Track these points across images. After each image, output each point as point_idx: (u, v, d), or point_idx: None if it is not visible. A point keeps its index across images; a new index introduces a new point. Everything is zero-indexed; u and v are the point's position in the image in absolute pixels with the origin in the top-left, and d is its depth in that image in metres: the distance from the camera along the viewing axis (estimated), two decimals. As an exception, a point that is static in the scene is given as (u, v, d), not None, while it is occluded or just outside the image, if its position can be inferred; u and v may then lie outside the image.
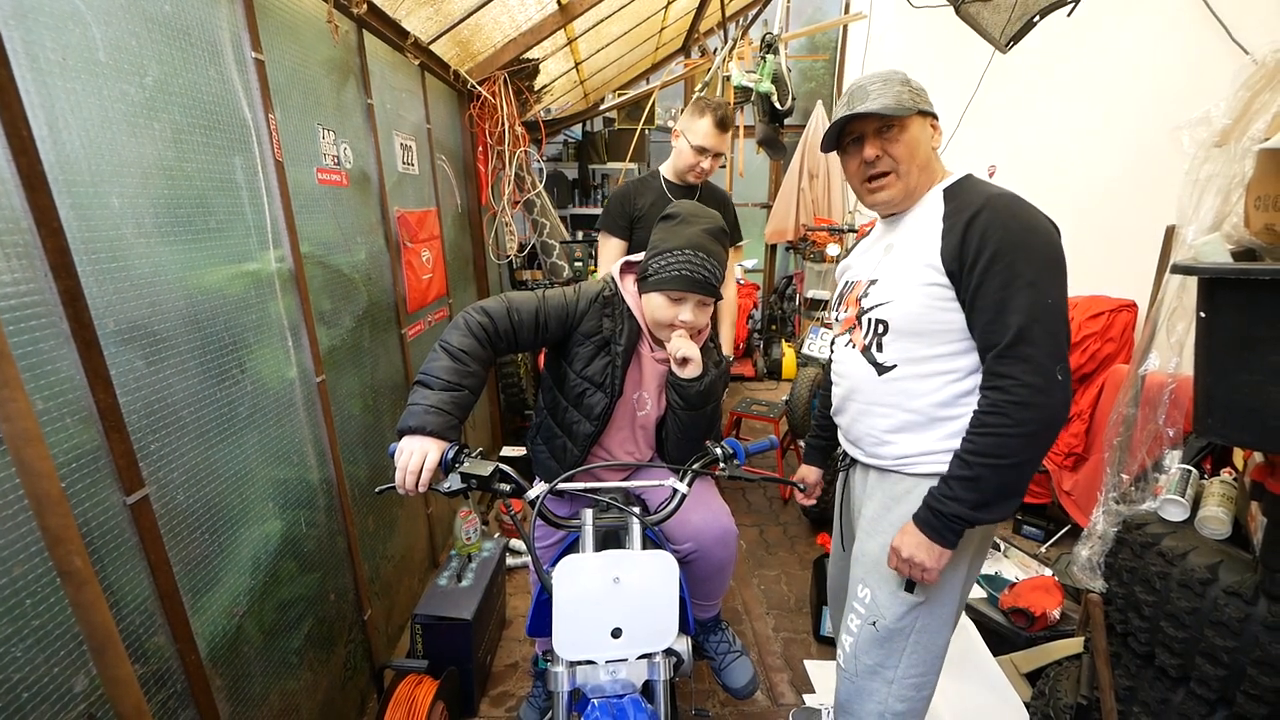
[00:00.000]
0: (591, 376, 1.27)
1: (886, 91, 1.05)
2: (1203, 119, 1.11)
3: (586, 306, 1.26)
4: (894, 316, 1.07)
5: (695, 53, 4.35)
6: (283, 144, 1.29)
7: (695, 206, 1.26)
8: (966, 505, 0.99)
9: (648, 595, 0.96)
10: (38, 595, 0.77)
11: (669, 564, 0.97)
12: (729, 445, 1.18)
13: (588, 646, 0.95)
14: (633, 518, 1.07)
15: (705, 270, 1.18)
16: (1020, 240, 0.95)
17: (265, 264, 1.26)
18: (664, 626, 0.97)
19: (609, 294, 1.27)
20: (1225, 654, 1.10)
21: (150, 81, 0.97)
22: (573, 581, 0.94)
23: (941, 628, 1.15)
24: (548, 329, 1.23)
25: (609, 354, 1.26)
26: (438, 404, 1.07)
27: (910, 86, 1.06)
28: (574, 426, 1.32)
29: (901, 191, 1.09)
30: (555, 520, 1.09)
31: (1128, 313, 2.32)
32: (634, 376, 1.31)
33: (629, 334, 1.26)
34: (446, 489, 1.02)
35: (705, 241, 1.19)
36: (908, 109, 1.04)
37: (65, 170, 0.81)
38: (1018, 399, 0.94)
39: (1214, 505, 1.23)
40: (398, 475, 1.00)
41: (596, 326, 1.25)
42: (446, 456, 1.02)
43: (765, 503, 2.99)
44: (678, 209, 1.25)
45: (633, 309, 1.27)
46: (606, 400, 1.27)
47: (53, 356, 0.79)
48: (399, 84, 2.04)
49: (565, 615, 0.93)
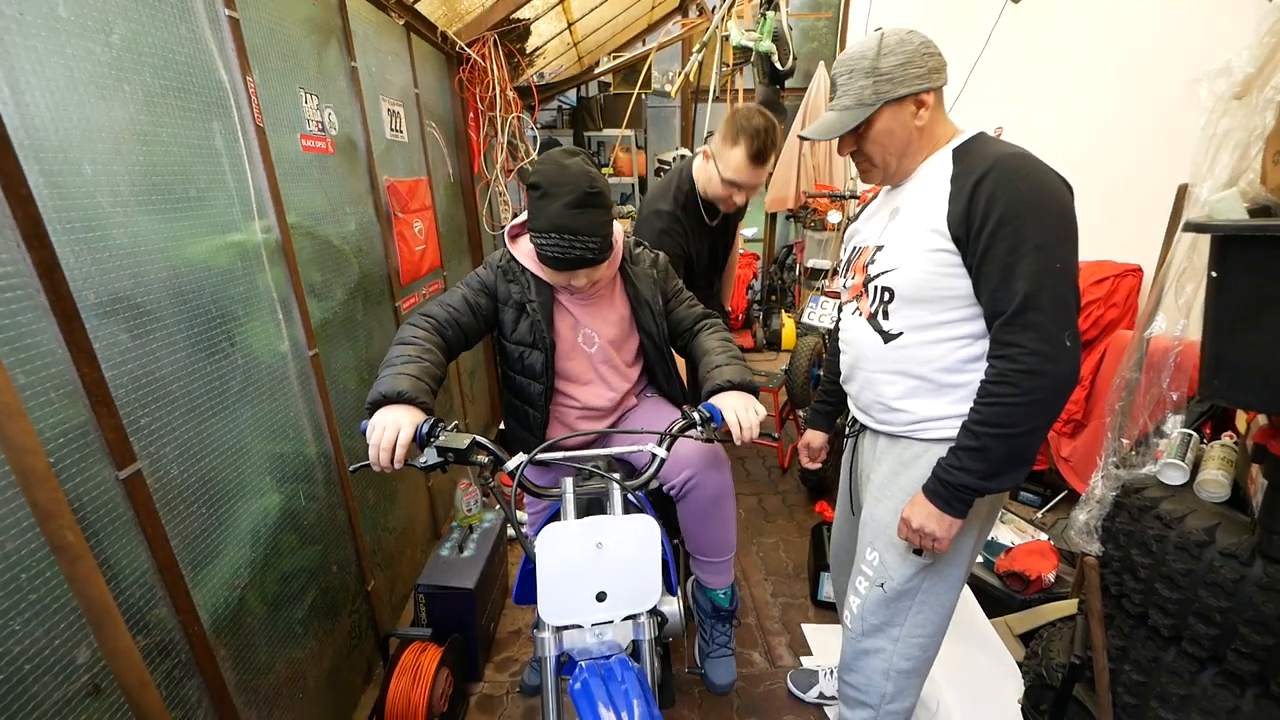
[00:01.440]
0: (522, 338, 1.32)
1: (849, 88, 1.03)
2: (1223, 70, 1.06)
3: (495, 274, 1.32)
4: (899, 284, 1.04)
5: (693, 11, 4.19)
6: (263, 108, 1.24)
7: (556, 171, 1.14)
8: (975, 475, 0.98)
9: (631, 559, 0.96)
10: (33, 570, 0.77)
11: (651, 526, 0.97)
12: (706, 409, 1.15)
13: (572, 611, 0.96)
14: (613, 483, 1.07)
15: (576, 249, 1.15)
16: (1028, 203, 0.91)
17: (251, 235, 1.22)
18: (648, 588, 0.97)
19: (504, 262, 1.32)
20: (1218, 614, 1.11)
21: (117, 40, 0.92)
22: (555, 549, 0.94)
23: (948, 590, 1.15)
24: (480, 306, 1.29)
25: (529, 314, 1.30)
26: (404, 370, 1.06)
27: (877, 75, 1.00)
28: (526, 390, 1.38)
29: (883, 176, 1.10)
30: (536, 490, 1.08)
31: (1132, 278, 2.29)
32: (567, 321, 1.35)
33: (539, 289, 1.30)
34: (423, 464, 0.98)
35: (569, 219, 1.12)
36: (869, 105, 1.01)
37: (31, 135, 0.78)
38: (1025, 367, 0.92)
39: (1214, 469, 1.22)
40: (371, 452, 0.97)
41: (507, 292, 1.31)
42: (421, 430, 0.99)
43: (764, 472, 3.01)
44: (539, 178, 1.15)
45: (532, 268, 1.30)
46: (543, 355, 1.32)
47: (31, 330, 0.77)
48: (384, 46, 1.96)
49: (549, 582, 0.94)
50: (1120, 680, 1.30)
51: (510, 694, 1.75)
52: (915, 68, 1.00)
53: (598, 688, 0.91)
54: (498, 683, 1.79)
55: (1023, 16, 2.60)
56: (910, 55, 1.00)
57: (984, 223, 0.93)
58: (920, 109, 1.03)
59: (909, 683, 1.21)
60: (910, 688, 1.22)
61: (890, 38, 1.02)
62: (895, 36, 1.02)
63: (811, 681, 1.72)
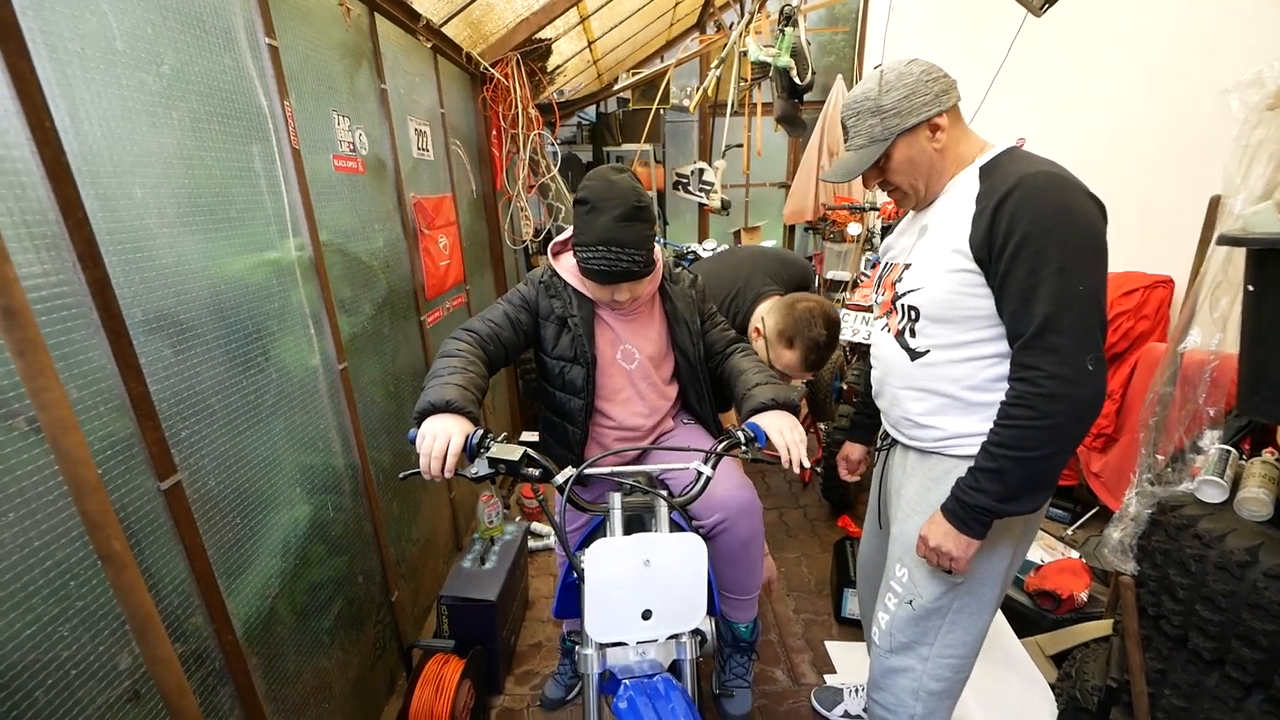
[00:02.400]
0: (563, 353, 1.33)
1: (859, 128, 1.06)
2: (1255, 80, 1.04)
3: (536, 290, 1.34)
4: (925, 303, 1.05)
5: (711, 28, 4.25)
6: (299, 131, 1.29)
7: (603, 186, 1.17)
8: (992, 497, 0.97)
9: (677, 577, 0.96)
10: (80, 578, 0.80)
11: (698, 546, 0.97)
12: (750, 429, 1.16)
13: (619, 628, 0.96)
14: (660, 500, 1.07)
15: (623, 261, 1.17)
16: (1052, 223, 0.90)
17: (285, 252, 1.27)
18: (693, 607, 0.97)
19: (546, 278, 1.34)
20: (1264, 637, 1.07)
21: (167, 70, 0.97)
22: (604, 565, 0.94)
23: (981, 610, 1.13)
24: (521, 322, 1.31)
25: (570, 328, 1.31)
26: (451, 380, 1.08)
27: (883, 112, 1.02)
28: (566, 406, 1.38)
29: (916, 200, 1.11)
30: (581, 504, 1.09)
31: (1163, 289, 2.23)
32: (608, 337, 1.35)
33: (580, 304, 1.31)
34: (474, 475, 1.00)
35: (617, 233, 1.16)
36: (882, 141, 1.03)
37: (88, 161, 0.82)
38: (1044, 390, 0.91)
39: (1254, 486, 1.18)
40: (422, 461, 0.99)
41: (549, 307, 1.32)
42: (471, 441, 1.01)
43: (785, 486, 2.98)
44: (587, 193, 1.18)
45: (574, 284, 1.31)
46: (584, 370, 1.32)
47: (84, 346, 0.81)
48: (412, 68, 2.02)
49: (597, 598, 0.94)
50: (1160, 705, 1.25)
51: (531, 708, 1.75)
52: (920, 96, 1.01)
53: (645, 706, 0.91)
54: (518, 696, 1.79)
55: (1045, 27, 2.59)
56: (913, 87, 1.01)
57: (1005, 244, 0.92)
58: (936, 133, 1.03)
59: (939, 704, 1.19)
60: (940, 710, 1.19)
61: (889, 74, 1.03)
62: (894, 72, 1.03)
63: (836, 699, 1.69)
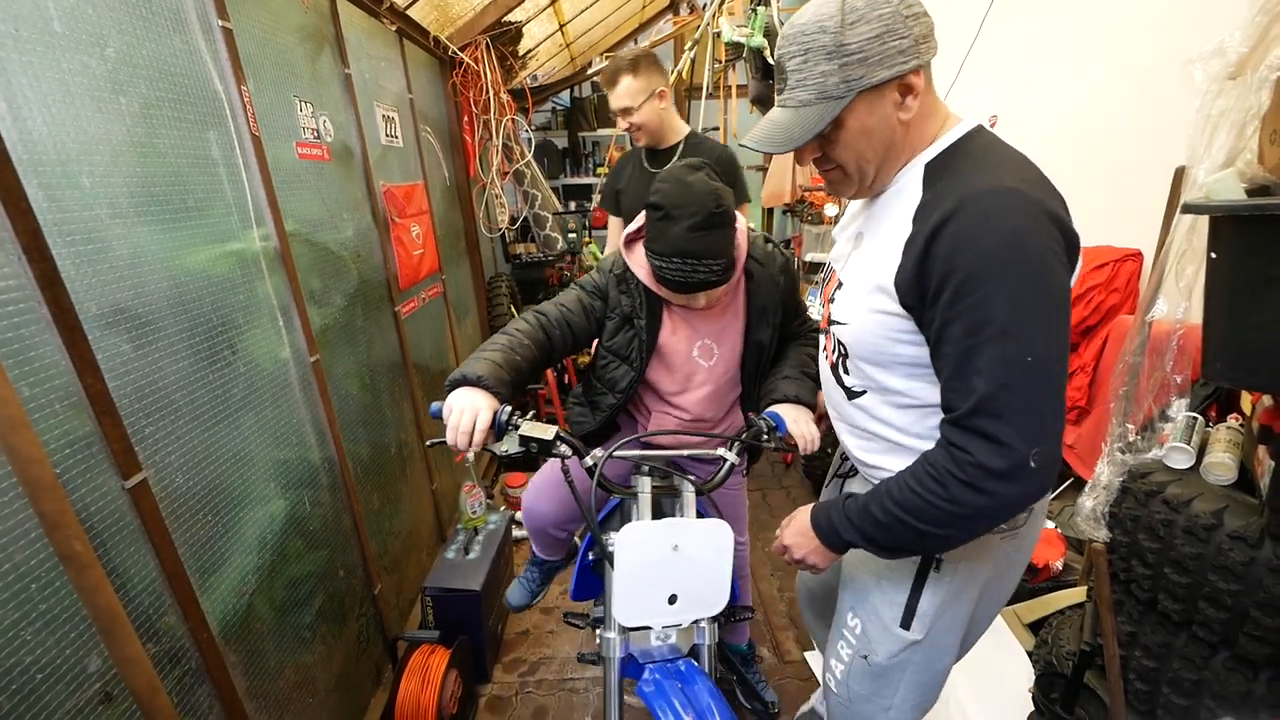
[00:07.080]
0: (616, 349, 1.27)
1: (805, 76, 0.75)
2: (1217, 50, 1.05)
3: (607, 280, 1.26)
4: (850, 343, 0.88)
5: (684, 9, 4.20)
6: (258, 117, 1.25)
7: (678, 191, 1.06)
8: (867, 542, 0.87)
9: (704, 563, 0.96)
10: (42, 580, 0.78)
11: (725, 531, 0.97)
12: (770, 418, 1.13)
13: (646, 613, 0.96)
14: (688, 484, 1.06)
15: (699, 273, 1.07)
16: (999, 265, 0.69)
17: (249, 243, 1.23)
18: (717, 593, 0.98)
19: (619, 271, 1.25)
20: (1229, 597, 1.10)
21: (112, 53, 0.92)
22: (635, 549, 0.93)
23: (942, 655, 1.01)
24: (595, 309, 1.25)
25: (633, 328, 1.24)
26: (490, 357, 1.05)
27: (844, 55, 0.73)
28: (603, 402, 1.33)
29: (858, 188, 0.86)
30: (609, 486, 1.07)
31: (1133, 262, 2.28)
32: (684, 333, 1.24)
33: (649, 307, 1.22)
34: (504, 451, 0.98)
35: (692, 243, 1.04)
36: (836, 99, 0.75)
37: (29, 149, 0.78)
38: (965, 478, 0.73)
39: (1220, 451, 1.22)
40: (449, 434, 0.96)
41: (618, 301, 1.24)
42: (500, 418, 0.98)
43: (767, 468, 3.01)
44: (660, 198, 1.07)
45: (645, 281, 1.21)
46: (633, 374, 1.27)
47: (34, 343, 0.78)
48: (377, 52, 1.96)
49: (626, 582, 0.93)
50: (1131, 666, 1.29)
51: (519, 695, 1.75)
52: (896, 37, 0.72)
53: (673, 689, 0.91)
54: (506, 684, 1.79)
55: (1015, 3, 2.60)
56: (888, 23, 0.72)
57: (941, 290, 0.72)
58: (906, 96, 0.76)
59: None
60: None
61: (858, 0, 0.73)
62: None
63: None
